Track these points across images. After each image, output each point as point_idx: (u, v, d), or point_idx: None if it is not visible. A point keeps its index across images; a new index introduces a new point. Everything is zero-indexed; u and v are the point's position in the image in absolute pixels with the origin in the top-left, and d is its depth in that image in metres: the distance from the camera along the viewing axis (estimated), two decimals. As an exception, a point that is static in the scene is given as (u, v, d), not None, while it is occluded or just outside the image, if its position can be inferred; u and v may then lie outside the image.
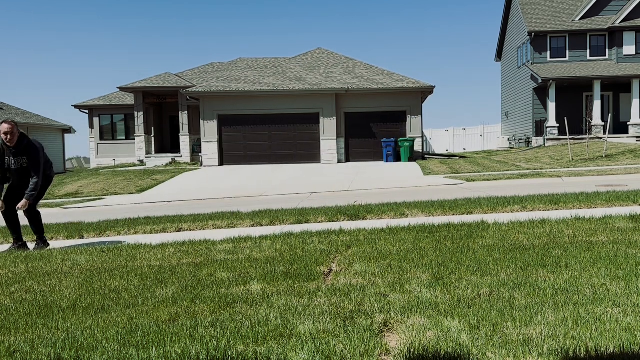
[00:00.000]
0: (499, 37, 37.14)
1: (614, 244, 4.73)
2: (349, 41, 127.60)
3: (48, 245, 6.97)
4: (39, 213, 6.89)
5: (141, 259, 5.36)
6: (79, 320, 3.35)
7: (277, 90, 24.77)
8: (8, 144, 6.53)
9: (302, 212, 8.58)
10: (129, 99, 30.80)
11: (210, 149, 25.22)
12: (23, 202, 6.60)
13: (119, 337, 2.93)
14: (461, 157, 28.24)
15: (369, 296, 3.46)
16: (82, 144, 70.84)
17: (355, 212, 8.10)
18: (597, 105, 27.55)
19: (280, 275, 4.20)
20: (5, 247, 7.07)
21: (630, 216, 6.13)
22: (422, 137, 26.36)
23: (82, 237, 7.70)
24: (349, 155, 25.51)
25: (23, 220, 6.84)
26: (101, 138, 32.51)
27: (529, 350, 2.47)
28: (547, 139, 27.45)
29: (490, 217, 6.86)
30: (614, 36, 28.75)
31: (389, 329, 2.91)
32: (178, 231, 7.72)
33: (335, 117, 25.06)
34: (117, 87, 29.33)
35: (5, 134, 6.51)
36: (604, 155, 19.16)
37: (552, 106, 27.63)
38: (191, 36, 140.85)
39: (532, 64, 29.50)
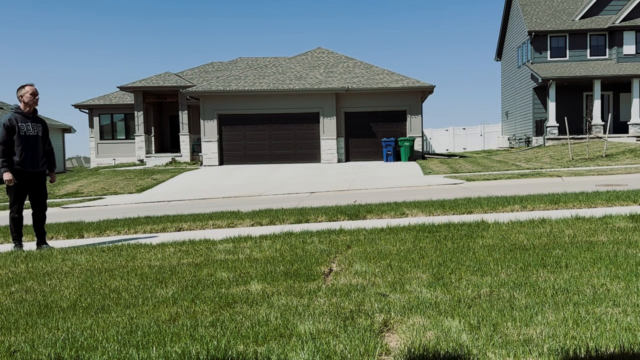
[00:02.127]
0: (499, 37, 37.13)
1: (614, 244, 4.73)
2: (349, 41, 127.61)
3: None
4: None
5: (141, 258, 5.36)
6: (79, 320, 3.35)
7: (277, 89, 24.76)
8: (33, 107, 6.61)
9: (302, 211, 8.58)
10: (129, 99, 30.78)
11: (210, 149, 25.21)
12: (53, 176, 7.02)
13: (119, 337, 2.93)
14: (461, 156, 28.23)
15: (369, 296, 3.46)
16: (82, 143, 71.04)
17: (355, 211, 8.09)
18: (597, 104, 27.54)
19: (280, 275, 4.20)
20: (6, 247, 7.06)
21: (630, 216, 6.13)
22: (422, 136, 26.35)
23: (82, 237, 7.70)
24: (349, 154, 25.50)
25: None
26: (101, 137, 32.49)
27: (529, 350, 2.47)
28: (547, 139, 27.45)
29: (490, 217, 6.85)
30: (614, 36, 28.75)
31: (389, 329, 2.91)
32: (178, 231, 7.71)
33: (335, 117, 25.05)
34: (117, 87, 29.31)
35: (33, 94, 6.55)
36: (604, 155, 19.16)
37: (552, 106, 27.62)
38: (191, 36, 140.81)
39: (532, 63, 29.50)
